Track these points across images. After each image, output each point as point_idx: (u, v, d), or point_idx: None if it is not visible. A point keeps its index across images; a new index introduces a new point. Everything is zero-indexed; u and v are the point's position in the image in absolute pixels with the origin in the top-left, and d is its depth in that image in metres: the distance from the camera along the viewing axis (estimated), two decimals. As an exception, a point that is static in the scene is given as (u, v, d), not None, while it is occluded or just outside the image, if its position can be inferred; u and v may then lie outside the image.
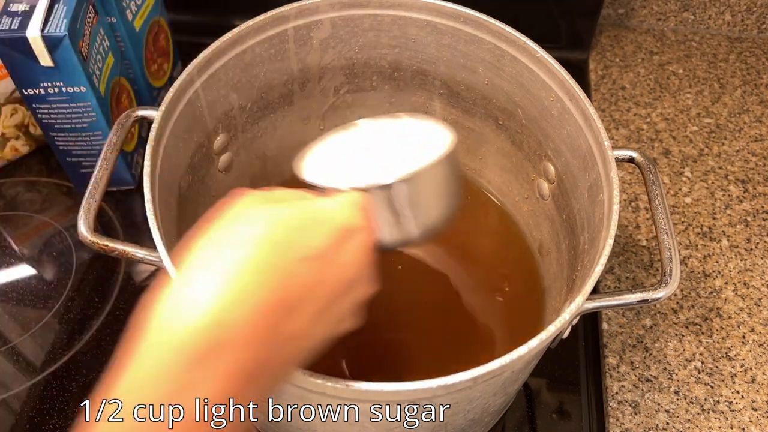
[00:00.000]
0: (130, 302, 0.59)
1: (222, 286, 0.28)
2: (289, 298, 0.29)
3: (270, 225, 0.30)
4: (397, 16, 0.54)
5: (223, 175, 0.56)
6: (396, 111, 0.62)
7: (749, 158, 0.70)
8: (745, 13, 0.82)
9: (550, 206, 0.55)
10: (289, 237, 0.30)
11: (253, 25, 0.50)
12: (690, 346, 0.56)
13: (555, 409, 0.54)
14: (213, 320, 0.27)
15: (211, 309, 0.27)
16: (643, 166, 0.47)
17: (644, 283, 0.60)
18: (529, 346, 0.35)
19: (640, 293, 0.42)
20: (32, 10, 0.54)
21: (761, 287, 0.60)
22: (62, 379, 0.55)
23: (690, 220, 0.65)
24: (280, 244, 0.30)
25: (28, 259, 0.63)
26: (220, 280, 0.28)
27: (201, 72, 0.48)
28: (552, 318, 0.39)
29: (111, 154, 0.45)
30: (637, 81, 0.78)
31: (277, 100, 0.57)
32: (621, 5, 0.83)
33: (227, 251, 0.29)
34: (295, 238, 0.31)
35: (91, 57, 0.57)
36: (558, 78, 0.48)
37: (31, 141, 0.70)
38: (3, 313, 0.59)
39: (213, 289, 0.28)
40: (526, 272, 0.58)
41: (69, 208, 0.67)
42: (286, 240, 0.30)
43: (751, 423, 0.52)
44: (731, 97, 0.76)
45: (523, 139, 0.55)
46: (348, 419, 0.39)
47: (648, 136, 0.72)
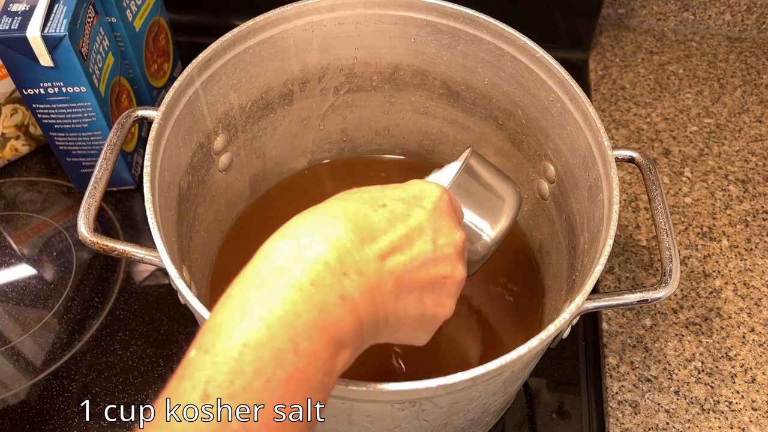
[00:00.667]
0: (130, 302, 0.59)
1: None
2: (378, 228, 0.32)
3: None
4: (397, 16, 0.54)
5: (223, 175, 0.56)
6: (396, 111, 0.62)
7: (749, 158, 0.70)
8: (745, 13, 0.82)
9: (549, 206, 0.55)
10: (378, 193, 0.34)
11: (253, 25, 0.50)
12: (690, 346, 0.56)
13: (555, 409, 0.54)
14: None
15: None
16: (643, 166, 0.47)
17: (644, 283, 0.60)
18: (529, 346, 0.35)
19: (640, 293, 0.42)
20: (32, 10, 0.54)
21: (761, 287, 0.60)
22: (62, 379, 0.55)
23: (690, 220, 0.65)
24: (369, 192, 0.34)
25: (28, 259, 0.63)
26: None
27: (201, 72, 0.48)
28: (552, 318, 0.39)
29: (111, 154, 0.45)
30: (637, 81, 0.78)
31: (277, 100, 0.57)
32: (621, 5, 0.83)
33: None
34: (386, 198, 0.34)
35: (91, 57, 0.57)
36: (558, 78, 0.48)
37: (31, 141, 0.70)
38: (3, 313, 0.59)
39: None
40: (526, 272, 0.58)
41: (69, 208, 0.67)
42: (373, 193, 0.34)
43: (751, 423, 0.52)
44: (731, 97, 0.76)
45: (522, 139, 0.55)
46: (348, 419, 0.39)
47: (648, 136, 0.72)
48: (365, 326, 0.30)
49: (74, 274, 0.62)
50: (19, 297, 0.60)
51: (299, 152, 0.63)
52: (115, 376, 0.55)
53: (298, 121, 0.60)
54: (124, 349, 0.57)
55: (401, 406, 0.37)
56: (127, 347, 0.57)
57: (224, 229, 0.59)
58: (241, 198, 0.60)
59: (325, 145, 0.64)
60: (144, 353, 0.56)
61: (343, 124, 0.63)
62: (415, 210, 0.34)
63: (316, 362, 0.27)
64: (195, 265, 0.51)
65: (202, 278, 0.53)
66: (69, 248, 0.63)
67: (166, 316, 0.58)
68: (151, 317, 0.58)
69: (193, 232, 0.51)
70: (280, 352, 0.26)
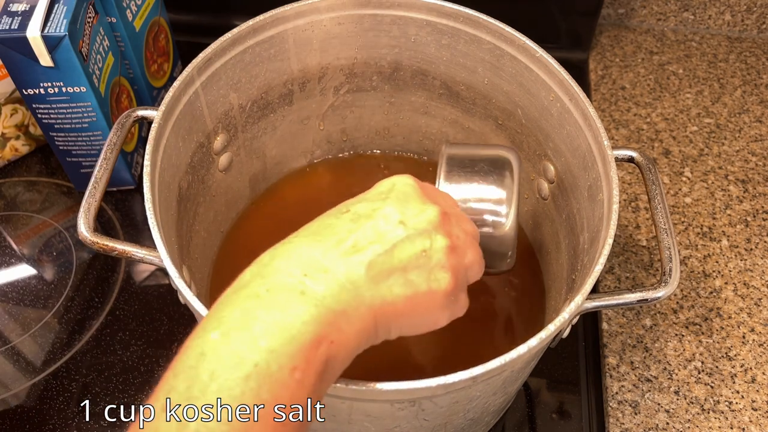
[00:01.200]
0: (130, 302, 0.59)
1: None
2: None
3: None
4: (397, 16, 0.54)
5: (223, 175, 0.56)
6: (396, 111, 0.62)
7: (749, 158, 0.70)
8: (745, 13, 0.82)
9: (549, 206, 0.55)
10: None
11: (253, 25, 0.50)
12: (690, 346, 0.56)
13: (555, 409, 0.54)
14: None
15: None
16: (643, 166, 0.47)
17: (644, 283, 0.60)
18: (529, 345, 0.35)
19: (640, 293, 0.42)
20: (32, 10, 0.54)
21: (761, 287, 0.60)
22: (62, 379, 0.55)
23: (690, 220, 0.65)
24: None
25: (28, 259, 0.63)
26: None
27: (201, 72, 0.48)
28: (552, 317, 0.39)
29: (111, 154, 0.45)
30: (637, 81, 0.78)
31: (277, 100, 0.57)
32: (621, 5, 0.83)
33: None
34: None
35: (91, 57, 0.57)
36: (558, 78, 0.48)
37: (31, 141, 0.70)
38: (3, 313, 0.59)
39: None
40: (526, 272, 0.58)
41: (69, 208, 0.67)
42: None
43: (751, 423, 0.52)
44: (731, 97, 0.76)
45: (522, 139, 0.55)
46: (347, 418, 0.39)
47: (648, 136, 0.72)
48: (339, 316, 0.30)
49: (74, 274, 0.62)
50: (19, 297, 0.60)
51: (299, 152, 0.63)
52: (115, 376, 0.55)
53: (298, 121, 0.60)
54: (124, 349, 0.57)
55: (401, 406, 0.37)
56: (127, 347, 0.57)
57: (224, 229, 0.59)
58: (241, 198, 0.60)
59: (325, 145, 0.64)
60: (144, 353, 0.56)
61: (343, 124, 0.63)
62: (377, 203, 0.34)
63: (279, 358, 0.28)
64: (195, 265, 0.51)
65: (202, 278, 0.53)
66: (69, 248, 0.63)
67: (166, 316, 0.58)
68: (151, 317, 0.58)
69: (193, 232, 0.51)
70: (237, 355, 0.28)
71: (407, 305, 0.33)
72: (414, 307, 0.34)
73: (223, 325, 0.28)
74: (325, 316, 0.30)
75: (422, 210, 0.35)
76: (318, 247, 0.32)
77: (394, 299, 0.32)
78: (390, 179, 0.37)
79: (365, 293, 0.31)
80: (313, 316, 0.29)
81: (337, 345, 0.30)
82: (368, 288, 0.32)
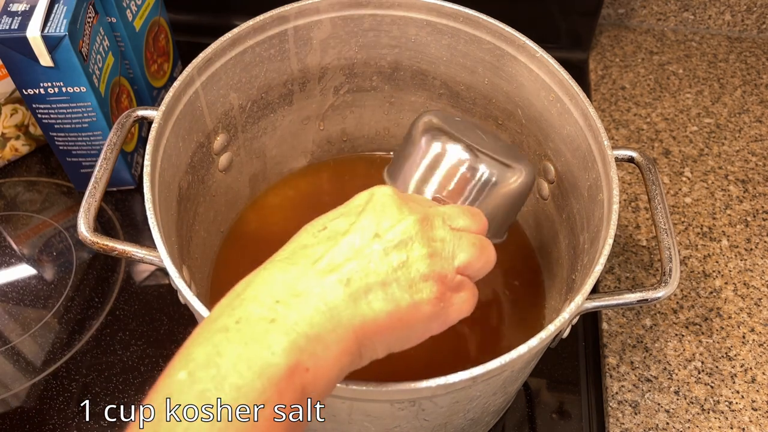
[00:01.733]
0: (130, 302, 0.59)
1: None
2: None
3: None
4: (397, 16, 0.54)
5: (223, 175, 0.56)
6: (396, 111, 0.62)
7: (749, 158, 0.70)
8: (745, 13, 0.82)
9: (550, 206, 0.55)
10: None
11: (253, 25, 0.50)
12: (690, 346, 0.56)
13: (555, 409, 0.54)
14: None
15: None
16: (643, 166, 0.47)
17: (644, 283, 0.60)
18: (529, 345, 0.35)
19: (640, 293, 0.42)
20: (32, 10, 0.54)
21: (761, 287, 0.60)
22: (62, 379, 0.55)
23: (690, 220, 0.65)
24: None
25: (28, 259, 0.63)
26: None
27: (201, 72, 0.48)
28: (552, 318, 0.39)
29: (111, 154, 0.45)
30: (637, 81, 0.78)
31: (277, 100, 0.57)
32: (621, 5, 0.83)
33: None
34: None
35: (91, 57, 0.57)
36: (558, 78, 0.48)
37: (31, 141, 0.70)
38: (3, 313, 0.59)
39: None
40: (526, 272, 0.58)
41: (69, 208, 0.67)
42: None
43: (751, 423, 0.52)
44: (731, 97, 0.76)
45: (522, 139, 0.55)
46: (347, 418, 0.39)
47: (648, 136, 0.72)
48: (313, 341, 0.29)
49: (74, 274, 0.62)
50: (19, 297, 0.60)
51: (299, 152, 0.63)
52: (115, 376, 0.55)
53: (298, 121, 0.60)
54: (124, 349, 0.57)
55: (401, 406, 0.37)
56: (127, 347, 0.57)
57: (224, 229, 0.59)
58: (241, 198, 0.60)
59: (325, 145, 0.64)
60: (144, 353, 0.56)
61: (343, 124, 0.63)
62: (352, 217, 0.34)
63: (248, 394, 0.27)
64: (195, 265, 0.51)
65: (202, 278, 0.54)
66: (69, 248, 0.63)
67: (166, 316, 0.59)
68: (151, 317, 0.58)
69: (193, 232, 0.51)
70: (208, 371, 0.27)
71: (391, 320, 0.32)
72: (398, 322, 0.32)
73: (190, 363, 0.27)
74: (297, 342, 0.28)
75: (399, 220, 0.33)
76: (292, 270, 0.31)
77: (376, 316, 0.31)
78: (369, 190, 0.35)
79: (342, 313, 0.30)
80: (283, 346, 0.28)
81: (314, 372, 0.29)
82: (346, 307, 0.30)
